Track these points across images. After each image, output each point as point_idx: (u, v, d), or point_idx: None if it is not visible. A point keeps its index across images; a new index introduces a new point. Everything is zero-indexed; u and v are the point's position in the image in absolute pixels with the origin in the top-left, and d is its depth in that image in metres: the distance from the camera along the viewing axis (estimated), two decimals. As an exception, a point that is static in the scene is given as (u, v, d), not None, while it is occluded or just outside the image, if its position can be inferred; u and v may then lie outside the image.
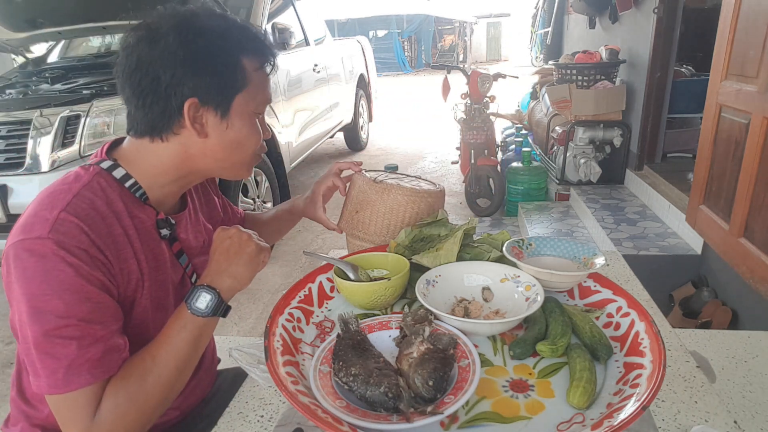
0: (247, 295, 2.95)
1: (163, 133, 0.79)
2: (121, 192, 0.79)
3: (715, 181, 2.15)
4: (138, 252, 0.78)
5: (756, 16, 1.85)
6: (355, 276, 0.95)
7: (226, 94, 0.79)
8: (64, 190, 0.73)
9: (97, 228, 0.72)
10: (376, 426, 0.61)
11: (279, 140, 3.58)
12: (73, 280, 0.68)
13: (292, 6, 4.41)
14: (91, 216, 0.72)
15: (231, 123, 0.81)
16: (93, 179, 0.76)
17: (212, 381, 1.08)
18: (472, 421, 0.66)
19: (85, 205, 0.72)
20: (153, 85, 0.75)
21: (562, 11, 6.07)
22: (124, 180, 0.80)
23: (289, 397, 0.64)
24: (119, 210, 0.77)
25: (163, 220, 0.84)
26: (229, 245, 0.82)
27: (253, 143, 0.85)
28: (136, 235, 0.79)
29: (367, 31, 17.68)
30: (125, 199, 0.79)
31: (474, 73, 3.77)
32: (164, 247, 0.85)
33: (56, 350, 0.67)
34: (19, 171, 2.32)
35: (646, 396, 0.62)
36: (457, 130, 4.27)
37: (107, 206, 0.75)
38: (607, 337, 0.78)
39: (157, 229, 0.83)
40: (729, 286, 2.22)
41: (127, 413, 0.71)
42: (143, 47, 0.75)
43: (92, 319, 0.69)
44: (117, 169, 0.80)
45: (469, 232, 1.01)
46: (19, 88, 2.71)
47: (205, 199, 1.04)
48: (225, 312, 0.81)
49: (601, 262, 0.89)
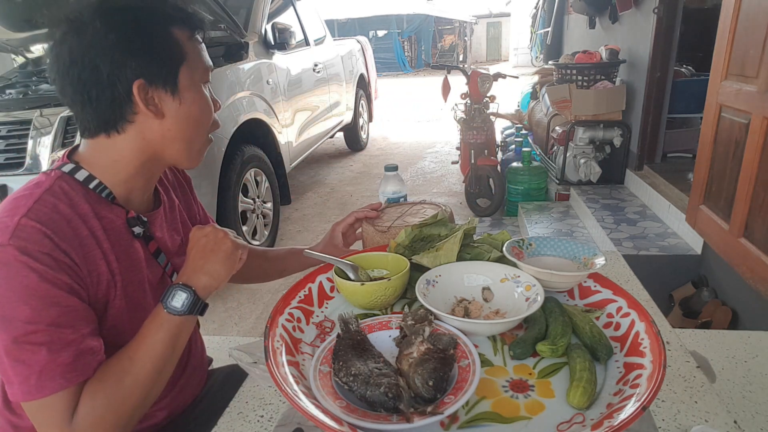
0: (247, 295, 2.95)
1: (117, 124, 0.78)
2: (86, 194, 0.77)
3: (715, 181, 2.15)
4: (108, 253, 0.77)
5: (756, 16, 1.85)
6: (355, 276, 0.95)
7: (170, 69, 0.78)
8: (25, 196, 0.72)
9: (60, 231, 0.71)
10: (376, 426, 0.61)
11: (279, 140, 3.58)
12: (38, 285, 0.67)
13: (292, 6, 4.42)
14: (53, 220, 0.71)
15: (183, 98, 0.80)
16: (54, 183, 0.75)
17: (203, 381, 1.07)
18: (472, 421, 0.65)
19: (47, 209, 0.71)
20: (94, 76, 0.74)
21: (562, 11, 6.07)
22: (88, 181, 0.78)
23: (288, 398, 0.64)
24: (84, 212, 0.76)
25: (133, 218, 0.83)
26: (204, 243, 0.82)
27: (208, 115, 0.85)
28: (105, 236, 0.77)
29: (367, 31, 17.68)
30: (90, 201, 0.77)
31: (474, 73, 3.77)
32: (138, 246, 0.84)
33: (26, 356, 0.66)
34: (19, 171, 2.32)
35: (646, 396, 0.61)
36: (457, 130, 4.27)
37: (71, 209, 0.74)
38: (608, 338, 0.78)
39: (128, 227, 0.82)
40: (729, 286, 2.22)
41: (105, 415, 0.70)
42: (72, 40, 0.73)
43: (61, 323, 0.68)
44: (79, 171, 0.78)
45: (469, 232, 1.01)
46: (19, 88, 2.71)
47: (184, 199, 1.03)
48: (202, 310, 0.80)
49: (601, 262, 0.89)
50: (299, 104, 4.05)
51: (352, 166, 5.71)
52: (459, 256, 0.96)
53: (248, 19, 3.54)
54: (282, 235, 3.77)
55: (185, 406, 0.99)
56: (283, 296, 0.90)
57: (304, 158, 4.36)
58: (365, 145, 6.49)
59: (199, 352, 1.06)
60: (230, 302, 2.89)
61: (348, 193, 4.76)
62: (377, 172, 5.38)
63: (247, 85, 3.19)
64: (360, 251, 1.06)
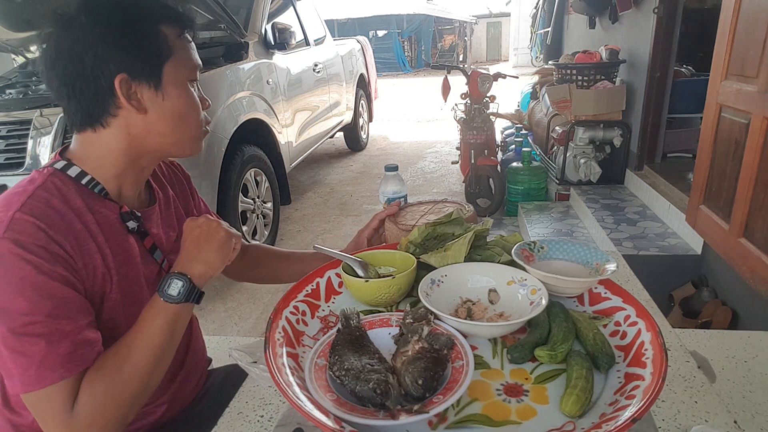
0: (247, 295, 2.95)
1: (101, 118, 0.79)
2: (78, 189, 0.78)
3: (715, 181, 2.15)
4: (102, 246, 0.78)
5: (756, 16, 1.85)
6: (363, 273, 0.95)
7: (154, 65, 0.78)
8: (18, 193, 0.73)
9: (54, 225, 0.72)
10: (361, 421, 0.62)
11: (279, 140, 3.58)
12: (34, 277, 0.68)
13: (292, 6, 4.42)
14: (47, 214, 0.72)
15: (166, 94, 0.80)
16: (47, 180, 0.76)
17: (203, 378, 1.07)
18: (460, 422, 0.65)
19: (40, 204, 0.72)
20: (78, 70, 0.75)
21: (562, 11, 6.07)
22: (80, 177, 0.79)
23: (281, 389, 0.65)
24: (78, 206, 0.77)
25: (127, 213, 0.83)
26: (198, 233, 0.83)
27: (195, 112, 0.85)
28: (99, 230, 0.78)
29: (367, 31, 17.67)
30: (83, 196, 0.78)
31: (474, 73, 3.77)
32: (133, 241, 0.84)
33: (26, 348, 0.67)
34: (19, 171, 2.32)
35: (638, 408, 0.60)
36: (457, 130, 4.27)
37: (64, 204, 0.75)
38: (611, 346, 0.76)
39: (122, 222, 0.83)
40: (729, 286, 2.22)
41: (105, 404, 0.70)
42: (59, 34, 0.75)
43: (58, 314, 0.69)
44: (71, 167, 0.79)
45: (481, 233, 1.00)
46: (19, 88, 2.71)
47: (182, 196, 1.03)
48: (198, 298, 0.81)
49: (612, 268, 0.87)
50: (299, 104, 4.05)
51: (352, 166, 5.71)
52: (469, 258, 0.95)
53: (248, 19, 3.54)
54: (282, 235, 3.76)
55: (185, 403, 1.00)
56: (290, 290, 0.90)
57: (304, 158, 4.37)
58: (365, 145, 6.49)
59: (199, 348, 1.07)
60: (230, 302, 2.89)
61: (348, 193, 4.76)
62: (377, 172, 5.38)
63: (247, 85, 3.19)
64: (370, 248, 1.06)
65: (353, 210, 4.28)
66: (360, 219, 4.03)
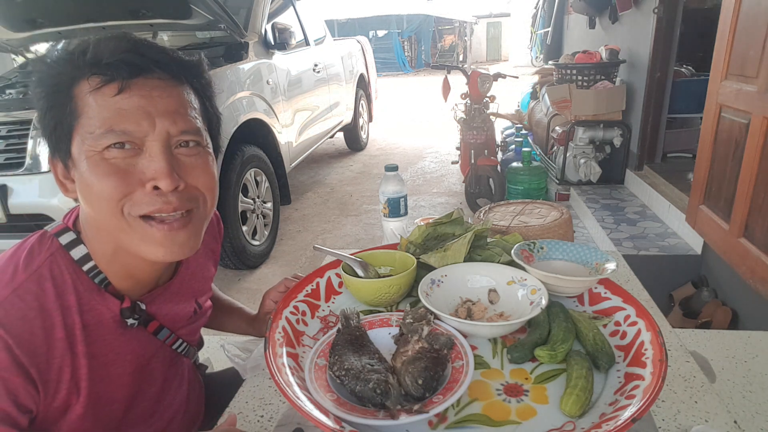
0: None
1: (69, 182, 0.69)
2: (77, 279, 0.67)
3: (715, 181, 2.15)
4: (80, 356, 0.66)
5: (756, 16, 1.85)
6: (364, 273, 0.95)
7: (58, 137, 0.65)
8: (5, 281, 0.63)
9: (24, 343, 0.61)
10: (361, 421, 0.62)
11: (279, 140, 3.58)
12: None
13: (292, 6, 4.41)
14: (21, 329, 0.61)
15: (78, 169, 0.64)
16: (46, 263, 0.66)
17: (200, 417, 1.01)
18: (460, 422, 0.65)
19: (21, 307, 0.62)
20: None
21: (562, 11, 6.08)
22: (83, 262, 0.68)
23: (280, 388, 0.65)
24: (69, 305, 0.66)
25: (128, 309, 0.71)
26: None
27: (106, 189, 0.63)
28: (83, 336, 0.67)
29: (367, 31, 17.67)
30: (80, 289, 0.67)
31: (474, 73, 3.77)
32: (130, 336, 0.74)
33: None
34: (19, 171, 2.32)
35: (638, 408, 0.60)
36: (457, 130, 4.27)
37: (56, 299, 0.65)
38: (611, 346, 0.76)
39: (121, 320, 0.71)
40: (729, 286, 2.22)
41: None
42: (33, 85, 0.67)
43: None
44: (77, 247, 0.69)
45: (481, 233, 1.00)
46: (19, 88, 2.71)
47: (212, 250, 0.96)
48: None
49: (611, 267, 0.87)
50: (299, 104, 4.05)
51: (352, 166, 5.71)
52: (469, 258, 0.95)
53: (248, 19, 3.54)
54: (282, 235, 3.76)
55: None
56: (291, 290, 0.90)
57: (304, 158, 4.36)
58: (365, 145, 6.49)
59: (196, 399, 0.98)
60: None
61: (348, 193, 4.76)
62: (377, 172, 5.37)
63: (247, 85, 3.19)
64: (371, 248, 1.06)
65: (353, 210, 4.28)
66: (360, 219, 4.03)
